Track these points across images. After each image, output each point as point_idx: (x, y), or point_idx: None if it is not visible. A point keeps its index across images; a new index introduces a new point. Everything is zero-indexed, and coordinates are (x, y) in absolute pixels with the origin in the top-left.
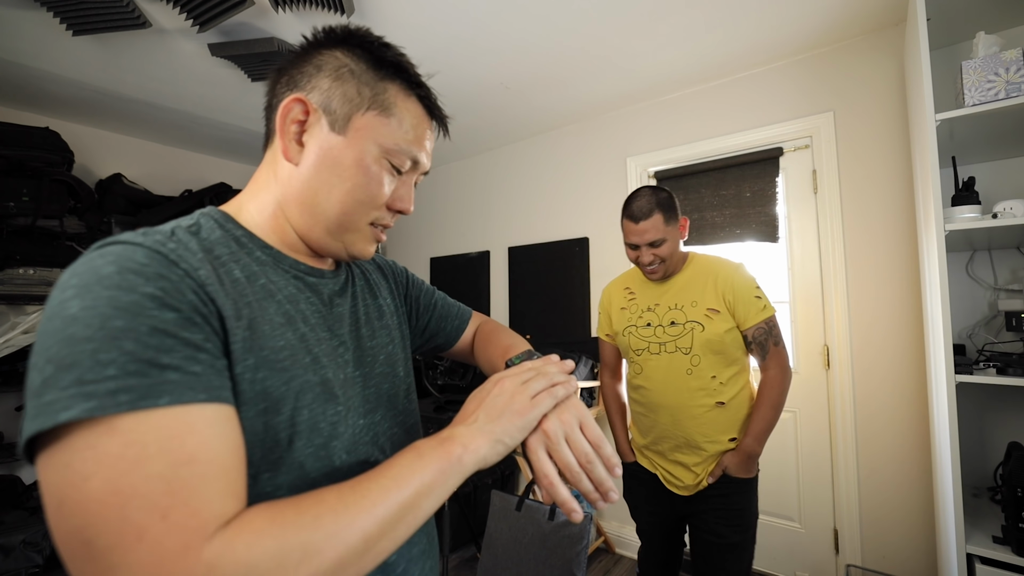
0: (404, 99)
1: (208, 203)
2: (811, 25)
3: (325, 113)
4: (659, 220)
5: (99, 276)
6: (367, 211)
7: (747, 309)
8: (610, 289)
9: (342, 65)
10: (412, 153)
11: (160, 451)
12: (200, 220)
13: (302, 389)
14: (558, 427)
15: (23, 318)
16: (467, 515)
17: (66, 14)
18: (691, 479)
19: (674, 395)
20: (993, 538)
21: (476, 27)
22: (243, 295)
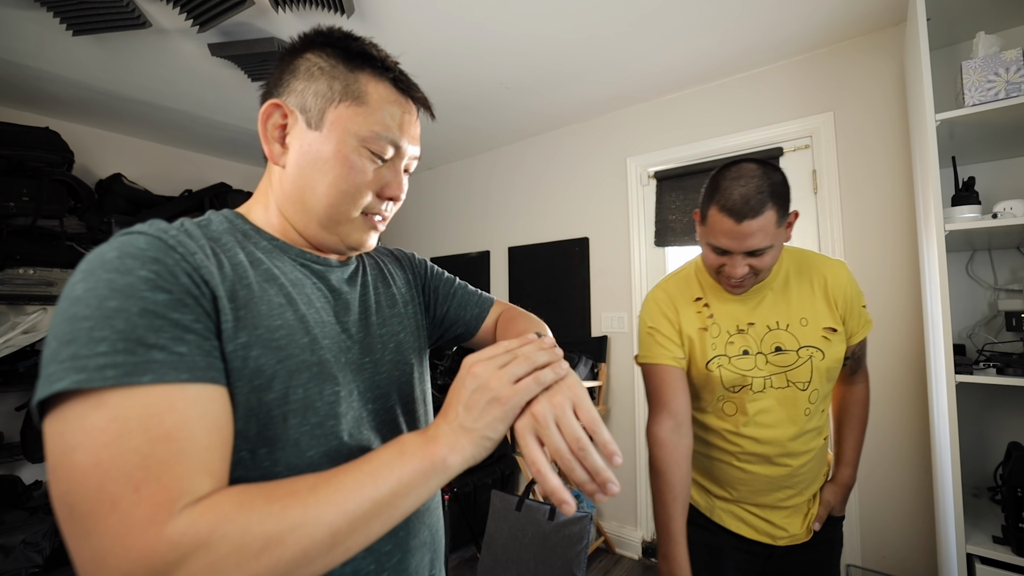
0: (375, 85)
1: (208, 203)
2: (811, 25)
3: (301, 112)
4: (772, 219)
5: (102, 261)
6: (354, 200)
7: (856, 323)
8: (670, 297)
9: (312, 65)
10: (389, 137)
11: (140, 427)
12: (210, 215)
13: (297, 368)
14: (548, 410)
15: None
16: (467, 515)
17: (66, 14)
18: (799, 524)
19: (787, 442)
20: (993, 538)
21: (476, 27)
22: (243, 277)
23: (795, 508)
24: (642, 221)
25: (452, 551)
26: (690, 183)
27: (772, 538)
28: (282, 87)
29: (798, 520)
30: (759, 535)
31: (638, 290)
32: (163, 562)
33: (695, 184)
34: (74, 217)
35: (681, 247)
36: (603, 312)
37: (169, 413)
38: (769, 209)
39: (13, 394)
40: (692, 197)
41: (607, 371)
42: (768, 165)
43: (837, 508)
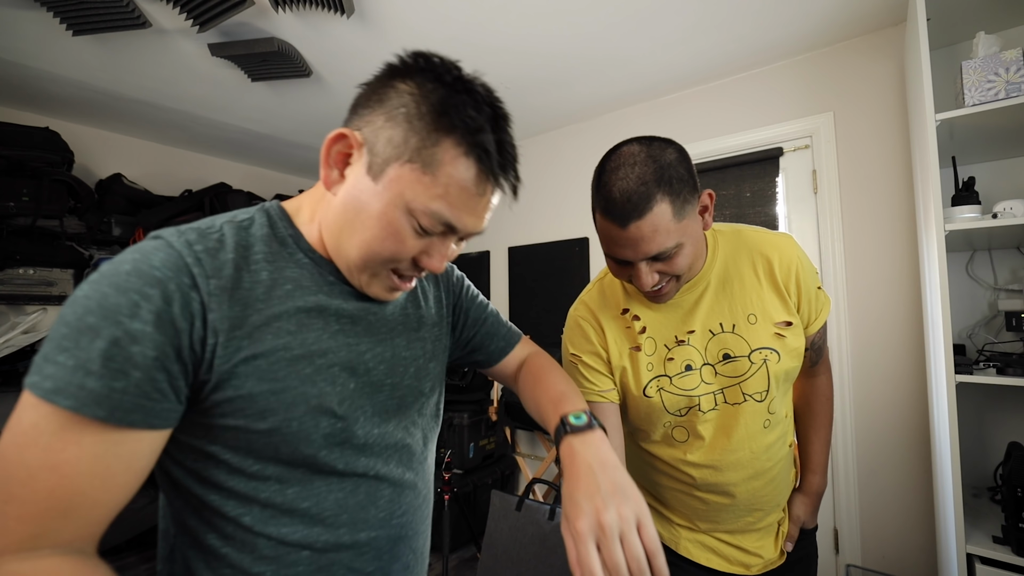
0: (455, 158)
1: (208, 203)
2: (811, 25)
3: (368, 153)
4: (665, 213)
5: (115, 271)
6: (385, 264)
7: (812, 308)
8: (592, 313)
9: (400, 104)
10: (444, 218)
11: (45, 446)
12: (255, 216)
13: (293, 401)
14: (615, 522)
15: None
16: (467, 515)
17: (66, 14)
18: (772, 547)
19: (747, 463)
20: (993, 538)
21: (476, 27)
22: (257, 300)
23: (766, 529)
24: None
25: (452, 551)
26: None
27: (746, 567)
28: (365, 113)
29: (770, 542)
30: (732, 566)
31: None
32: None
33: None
34: (74, 217)
35: None
36: None
37: (73, 445)
38: (659, 202)
39: (13, 394)
40: None
41: None
42: (656, 142)
43: (808, 520)
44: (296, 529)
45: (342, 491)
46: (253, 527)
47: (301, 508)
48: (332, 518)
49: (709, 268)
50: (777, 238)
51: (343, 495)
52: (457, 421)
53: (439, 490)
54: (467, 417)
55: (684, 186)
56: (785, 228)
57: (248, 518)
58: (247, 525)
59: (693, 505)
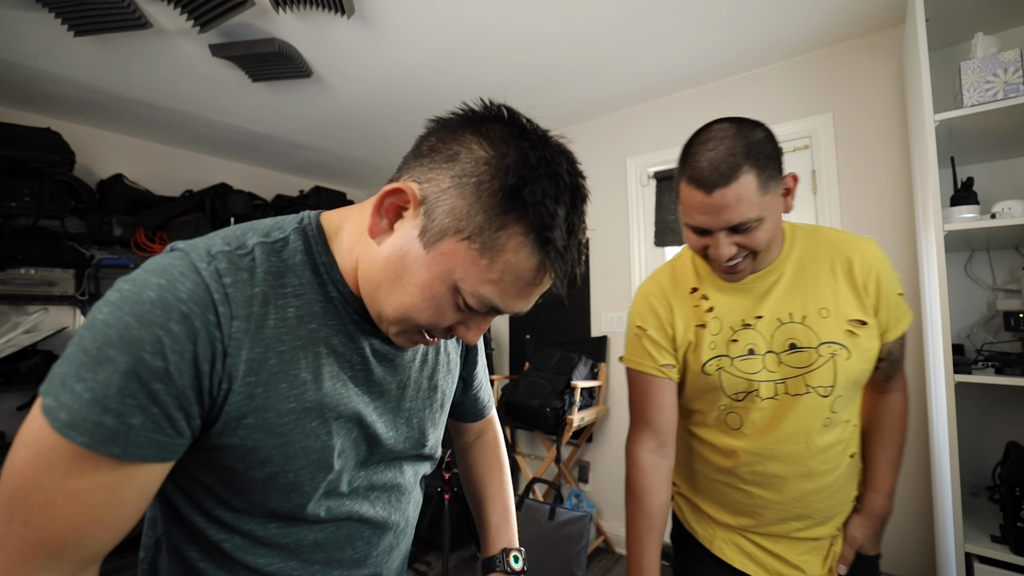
0: (519, 247)
1: (208, 203)
2: (810, 26)
3: (425, 216)
4: (751, 184)
5: (139, 297)
6: (420, 328)
7: (892, 314)
8: (662, 291)
9: (473, 173)
10: (492, 304)
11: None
12: (291, 236)
13: (295, 455)
14: None
15: (24, 318)
16: (467, 515)
17: (67, 15)
18: (819, 564)
19: (804, 461)
20: (992, 537)
21: (476, 28)
22: (281, 342)
23: (815, 544)
24: (642, 221)
25: (452, 551)
26: None
27: None
28: (431, 164)
29: (818, 559)
30: (767, 574)
31: None
32: None
33: None
34: (75, 217)
35: (681, 247)
36: (603, 312)
37: (90, 474)
38: (746, 173)
39: (15, 394)
40: None
41: (607, 371)
42: (746, 122)
43: (867, 545)
44: (272, 561)
45: (323, 532)
46: (232, 554)
47: (280, 543)
48: (308, 554)
49: (785, 259)
50: (860, 240)
51: (323, 535)
52: None
53: (439, 490)
54: None
55: (770, 163)
56: None
57: (228, 545)
58: (227, 551)
59: (736, 498)
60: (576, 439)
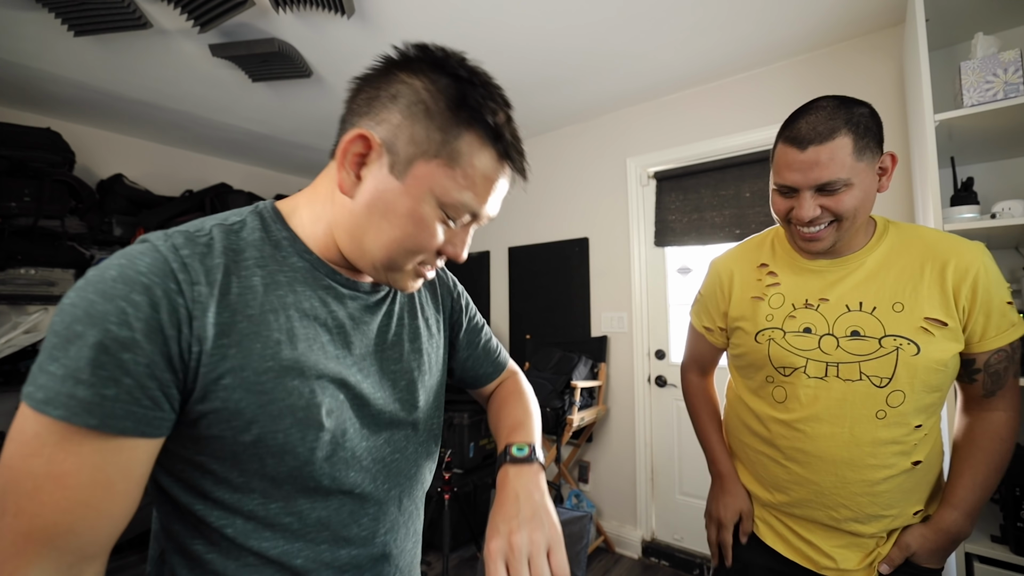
0: (478, 149)
1: (209, 203)
2: (810, 26)
3: (388, 152)
4: (846, 147)
5: (100, 278)
6: (413, 257)
7: (991, 322)
8: (731, 264)
9: (418, 100)
10: (472, 208)
11: (47, 457)
12: (247, 218)
13: (280, 413)
14: (524, 545)
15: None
16: (467, 515)
17: (67, 15)
18: (856, 560)
19: (844, 446)
20: (991, 537)
21: (476, 28)
22: (248, 307)
23: (853, 539)
24: (642, 221)
25: (452, 551)
26: (690, 183)
27: (815, 565)
28: (375, 111)
29: (855, 555)
30: (798, 556)
31: (638, 290)
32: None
33: (695, 184)
34: (75, 217)
35: (681, 247)
36: (603, 312)
37: (73, 456)
38: (842, 135)
39: (14, 394)
40: (692, 197)
41: (607, 371)
42: (851, 99)
43: (923, 556)
44: (277, 544)
45: (326, 509)
46: (236, 539)
47: (283, 523)
48: (314, 534)
49: (868, 251)
50: (963, 243)
51: (326, 513)
52: (457, 421)
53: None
54: (467, 417)
55: (869, 135)
56: None
57: (231, 530)
58: (230, 536)
59: (774, 471)
60: (576, 439)
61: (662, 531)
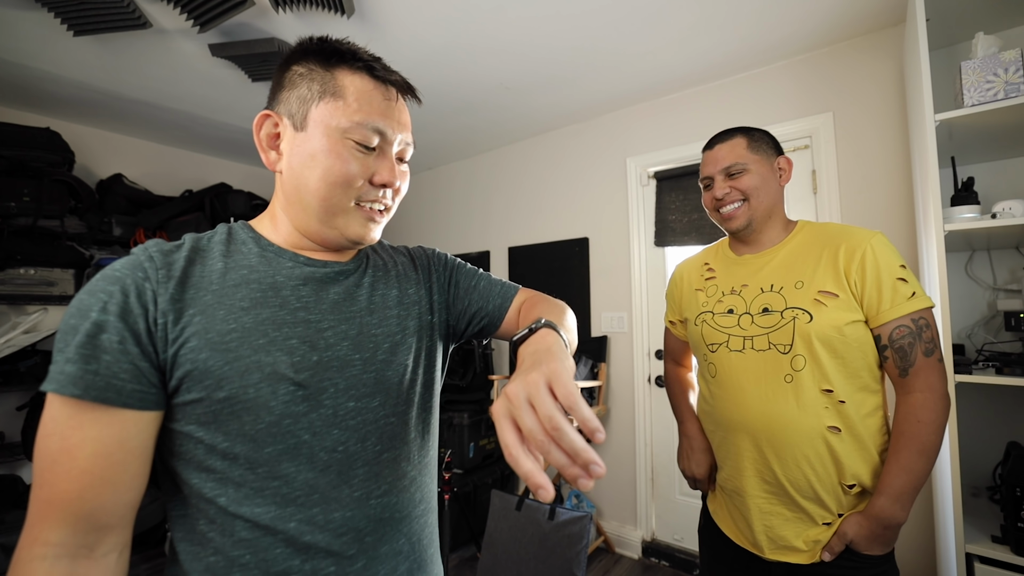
0: (351, 78)
1: (208, 203)
2: (811, 25)
3: (288, 118)
4: (740, 143)
5: (90, 281)
6: (345, 191)
7: (883, 295)
8: (684, 266)
9: (295, 74)
10: (371, 125)
11: (59, 433)
12: (219, 228)
13: (247, 369)
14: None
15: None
16: (467, 515)
17: (67, 14)
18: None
19: (762, 410)
20: (992, 537)
21: (476, 28)
22: (211, 284)
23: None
24: (642, 221)
25: (452, 551)
26: (690, 183)
27: (757, 548)
28: (273, 100)
29: (790, 532)
30: (743, 541)
31: (638, 290)
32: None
33: (695, 184)
34: (75, 217)
35: (681, 247)
36: (603, 312)
37: (77, 430)
38: (738, 136)
39: (14, 394)
40: (692, 197)
41: (607, 371)
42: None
43: (860, 543)
44: (268, 509)
45: (312, 471)
46: (228, 507)
47: (272, 487)
48: (303, 498)
49: (784, 245)
50: (857, 230)
51: (313, 475)
52: (457, 421)
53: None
54: (467, 417)
55: (763, 139)
56: None
57: (223, 499)
58: (222, 506)
59: (716, 443)
60: None
61: (662, 531)
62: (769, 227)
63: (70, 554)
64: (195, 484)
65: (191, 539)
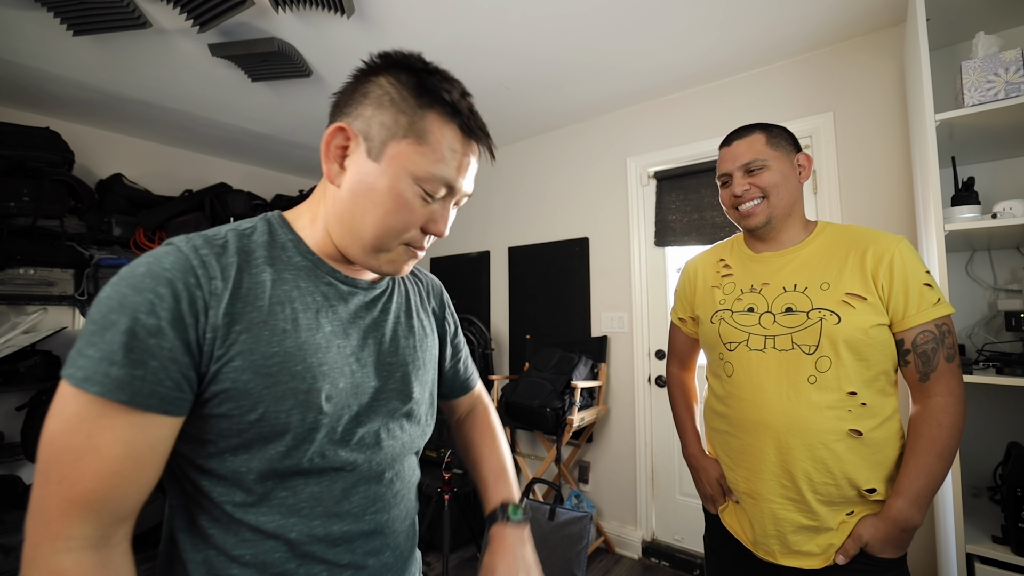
0: (441, 126)
1: (208, 203)
2: (811, 25)
3: (364, 140)
4: (759, 139)
5: (132, 272)
6: (399, 235)
7: (910, 300)
8: (697, 261)
9: (384, 93)
10: (445, 179)
11: (87, 431)
12: (257, 224)
13: (283, 395)
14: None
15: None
16: (467, 515)
17: (67, 14)
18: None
19: (783, 411)
20: (993, 538)
21: (476, 28)
22: (258, 299)
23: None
24: (642, 221)
25: (452, 551)
26: (690, 183)
27: (768, 554)
28: (351, 109)
29: (802, 539)
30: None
31: (638, 290)
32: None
33: (695, 184)
34: (74, 217)
35: (681, 247)
36: (603, 312)
37: (108, 430)
38: (757, 132)
39: (14, 394)
40: (692, 197)
41: (607, 371)
42: None
43: (875, 545)
44: (273, 519)
45: (319, 485)
46: (234, 513)
47: (279, 498)
48: (307, 510)
49: (806, 244)
50: (883, 235)
51: (319, 489)
52: None
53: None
54: None
55: (781, 136)
56: None
57: (230, 505)
58: (229, 511)
59: (731, 444)
60: (576, 439)
61: (662, 531)
62: (789, 225)
63: (93, 545)
64: (204, 486)
65: (191, 531)
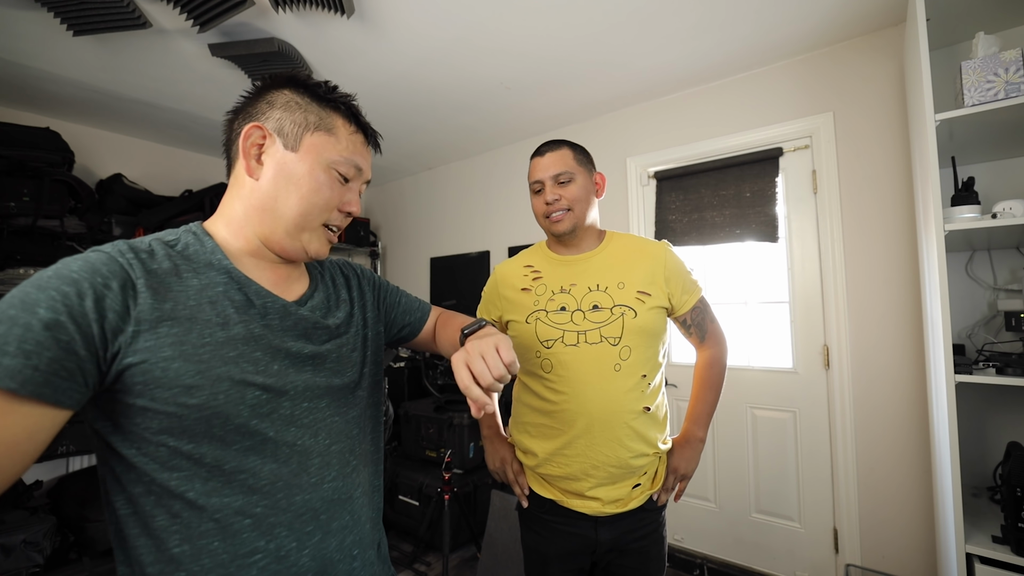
0: (342, 121)
1: (208, 203)
2: (811, 25)
3: (279, 136)
4: (568, 155)
5: (40, 275)
6: (320, 213)
7: (685, 290)
8: (504, 268)
9: (290, 100)
10: (354, 162)
11: None
12: (181, 235)
13: (218, 378)
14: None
15: None
16: (467, 515)
17: (66, 14)
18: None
19: (598, 399)
20: (992, 538)
21: (477, 28)
22: (189, 298)
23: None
24: (642, 221)
25: (452, 551)
26: (690, 183)
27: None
28: (260, 113)
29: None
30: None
31: None
32: None
33: (695, 184)
34: (74, 217)
35: (681, 247)
36: None
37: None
38: (566, 148)
39: None
40: (692, 197)
41: None
42: None
43: (683, 465)
44: (236, 498)
45: (275, 461)
46: (197, 500)
47: (239, 479)
48: (269, 486)
49: (600, 249)
50: (653, 242)
51: (276, 465)
52: (457, 421)
53: (439, 490)
54: (467, 417)
55: (584, 154)
56: (785, 228)
57: (192, 493)
58: (191, 499)
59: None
60: None
61: None
62: (588, 234)
63: None
64: (161, 480)
65: (149, 533)
